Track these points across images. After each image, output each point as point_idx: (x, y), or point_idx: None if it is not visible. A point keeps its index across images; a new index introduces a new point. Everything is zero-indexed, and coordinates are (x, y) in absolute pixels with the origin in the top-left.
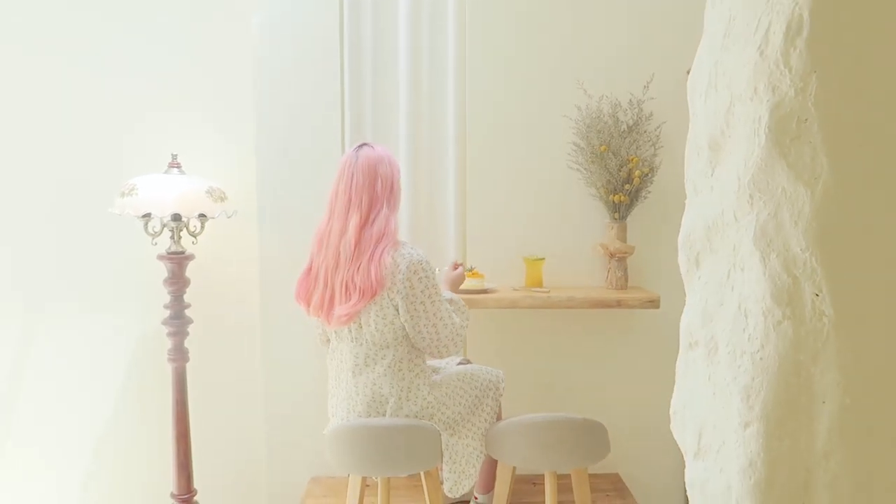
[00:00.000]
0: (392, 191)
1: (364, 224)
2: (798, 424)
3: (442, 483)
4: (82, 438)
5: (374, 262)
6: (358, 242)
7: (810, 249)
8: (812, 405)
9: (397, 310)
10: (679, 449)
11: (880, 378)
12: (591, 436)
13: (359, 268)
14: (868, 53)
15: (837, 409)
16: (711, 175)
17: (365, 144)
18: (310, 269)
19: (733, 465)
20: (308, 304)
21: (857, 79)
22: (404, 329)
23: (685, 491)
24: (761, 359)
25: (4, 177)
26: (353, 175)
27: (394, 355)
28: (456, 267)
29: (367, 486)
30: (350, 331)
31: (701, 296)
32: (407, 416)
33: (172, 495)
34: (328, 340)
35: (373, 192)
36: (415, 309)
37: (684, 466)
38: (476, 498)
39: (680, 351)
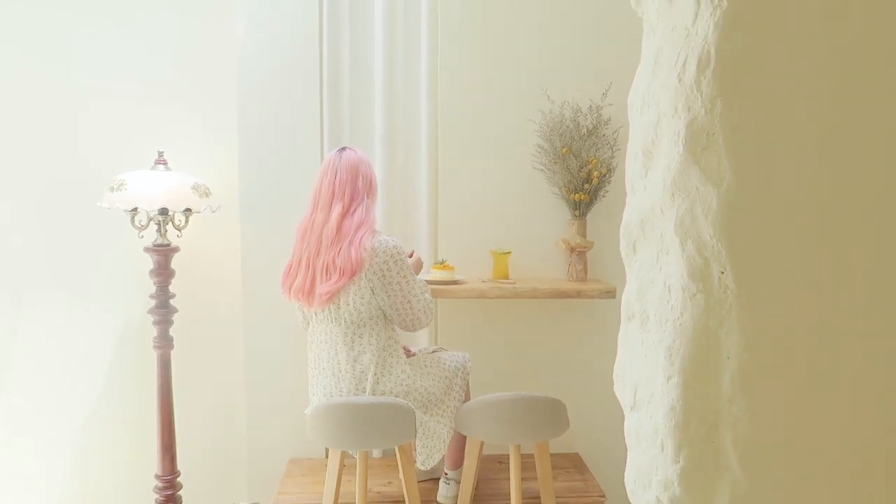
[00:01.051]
0: (371, 187)
1: (346, 213)
2: (708, 376)
3: (415, 457)
4: (70, 421)
5: (354, 246)
6: (339, 228)
7: (717, 236)
8: (719, 361)
9: (374, 291)
10: None
11: (772, 338)
12: (552, 412)
13: (339, 251)
14: (761, 82)
15: (738, 363)
16: (645, 177)
17: (346, 148)
18: (291, 261)
19: (659, 411)
20: (290, 290)
21: (752, 102)
22: (379, 309)
23: None
24: (680, 324)
25: None
26: (336, 172)
27: (370, 333)
28: (411, 255)
29: (345, 465)
30: (329, 311)
31: (637, 276)
32: (384, 392)
33: (157, 476)
34: (308, 324)
35: (354, 187)
36: (391, 288)
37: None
38: (446, 474)
39: (621, 324)
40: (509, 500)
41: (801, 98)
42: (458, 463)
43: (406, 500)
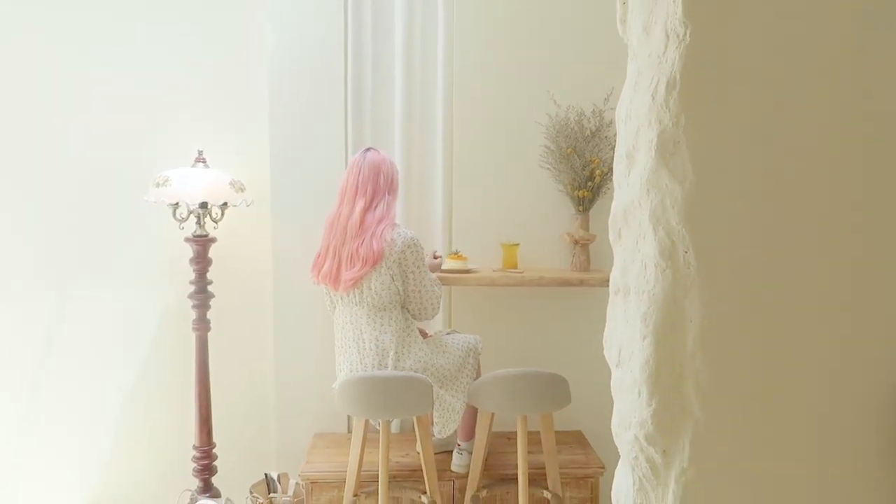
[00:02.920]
0: (392, 185)
1: (368, 208)
2: (675, 336)
3: (432, 428)
4: (115, 397)
5: (376, 237)
6: (362, 222)
7: (682, 223)
8: (684, 323)
9: (393, 278)
10: None
11: (726, 305)
12: (555, 386)
13: (363, 242)
14: (716, 101)
15: (699, 326)
16: (628, 175)
17: (370, 149)
18: (320, 249)
19: (636, 366)
20: (318, 275)
21: (709, 117)
22: (399, 295)
23: None
24: (653, 295)
25: (46, 169)
26: (360, 170)
27: (390, 316)
28: (435, 257)
29: (367, 439)
30: (354, 295)
31: (621, 257)
32: (404, 367)
33: (195, 447)
34: (334, 307)
35: (376, 184)
36: (406, 276)
37: None
38: (459, 445)
39: (609, 298)
40: (517, 469)
41: (747, 113)
42: (470, 435)
43: (423, 466)
